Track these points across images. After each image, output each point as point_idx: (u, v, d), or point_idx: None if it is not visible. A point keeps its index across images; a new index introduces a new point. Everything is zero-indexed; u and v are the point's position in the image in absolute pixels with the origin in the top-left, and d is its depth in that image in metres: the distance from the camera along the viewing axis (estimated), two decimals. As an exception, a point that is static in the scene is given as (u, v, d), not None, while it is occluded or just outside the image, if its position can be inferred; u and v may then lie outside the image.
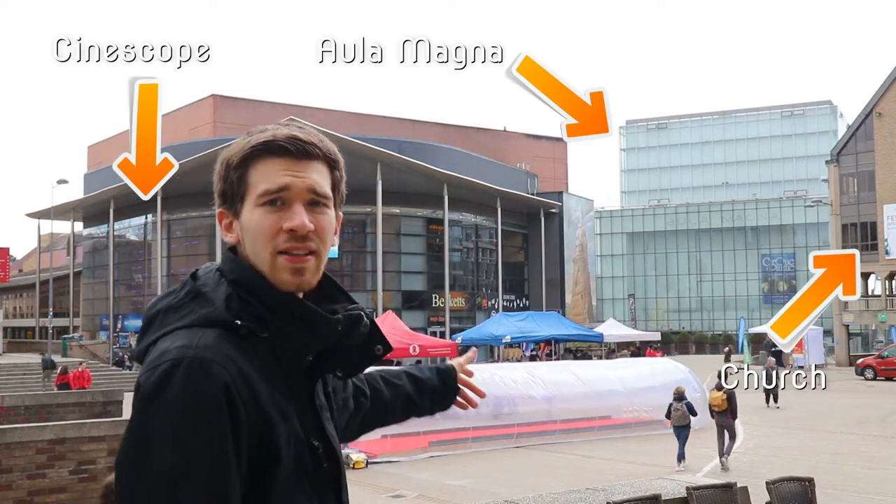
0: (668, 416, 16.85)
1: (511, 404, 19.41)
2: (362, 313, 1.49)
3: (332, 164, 1.50)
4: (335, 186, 1.51)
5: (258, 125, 1.52)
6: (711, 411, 17.06)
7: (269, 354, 1.39)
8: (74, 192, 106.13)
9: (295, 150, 1.44)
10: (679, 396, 16.82)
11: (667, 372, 22.75)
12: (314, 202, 1.45)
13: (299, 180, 1.44)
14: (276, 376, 1.39)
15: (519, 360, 39.78)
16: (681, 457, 16.27)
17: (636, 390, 21.28)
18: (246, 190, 1.45)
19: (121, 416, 15.01)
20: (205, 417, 1.27)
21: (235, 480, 1.28)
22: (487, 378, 19.64)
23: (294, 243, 1.42)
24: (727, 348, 55.39)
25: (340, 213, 1.56)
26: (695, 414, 16.67)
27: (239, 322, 1.38)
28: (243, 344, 1.36)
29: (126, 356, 50.81)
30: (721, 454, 16.41)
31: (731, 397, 16.72)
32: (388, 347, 1.55)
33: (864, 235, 55.01)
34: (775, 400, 26.59)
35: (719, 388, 16.99)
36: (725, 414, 16.66)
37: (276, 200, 1.43)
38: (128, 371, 42.85)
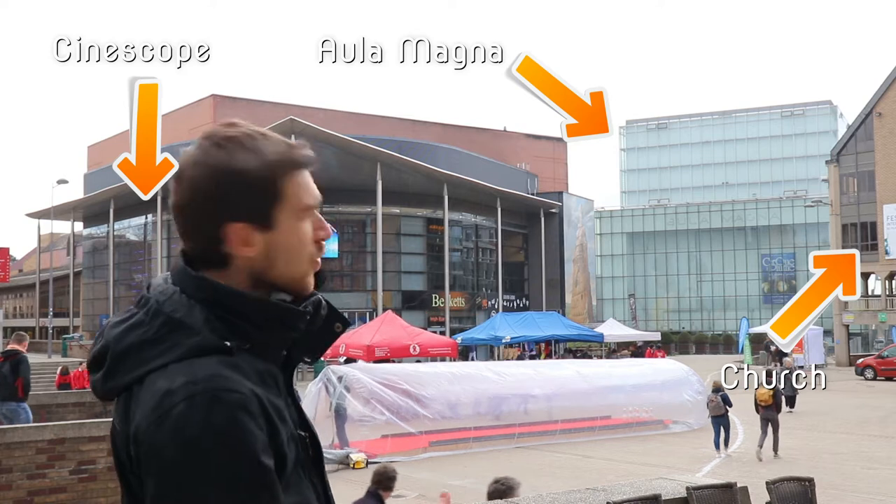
0: (707, 406, 18.44)
1: (511, 404, 19.42)
2: (321, 297, 1.50)
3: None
4: None
5: (259, 131, 1.48)
6: (757, 406, 17.99)
7: (257, 363, 1.37)
8: (74, 192, 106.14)
9: (313, 165, 1.50)
10: (716, 389, 18.03)
11: (668, 371, 22.77)
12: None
13: (318, 193, 1.51)
14: (268, 382, 1.38)
15: (519, 360, 39.77)
16: (717, 444, 17.66)
17: (638, 388, 21.29)
18: (281, 201, 1.42)
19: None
20: (235, 454, 1.24)
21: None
22: (487, 378, 19.67)
23: (321, 252, 1.50)
24: (774, 348, 53.35)
25: None
26: (730, 405, 17.79)
27: (228, 343, 1.33)
28: (237, 363, 1.32)
29: None
30: (760, 444, 17.45)
31: (776, 393, 18.00)
32: (345, 323, 1.55)
33: (864, 235, 55.01)
34: (791, 404, 24.23)
35: (769, 375, 18.62)
36: (771, 408, 17.77)
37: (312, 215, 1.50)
38: None
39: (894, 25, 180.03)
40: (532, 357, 43.17)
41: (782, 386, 19.91)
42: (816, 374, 8.04)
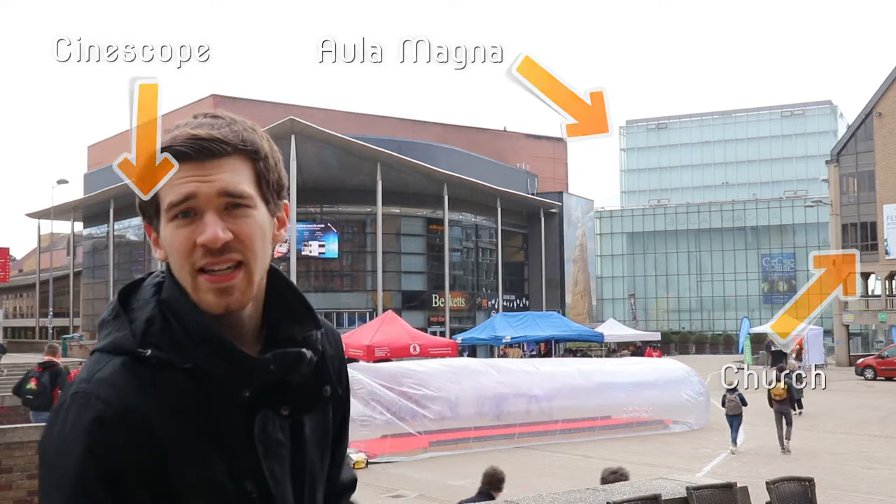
0: (722, 404, 18.91)
1: (512, 404, 19.41)
2: (304, 352, 1.30)
3: (251, 156, 1.30)
4: (260, 178, 1.31)
5: (179, 123, 1.32)
6: (771, 401, 18.96)
7: (190, 389, 1.23)
8: (74, 192, 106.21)
9: (195, 153, 1.26)
10: (732, 389, 18.33)
11: (668, 370, 22.77)
12: (232, 205, 1.26)
13: (206, 185, 1.25)
14: (192, 414, 1.23)
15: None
16: (734, 440, 18.36)
17: (638, 387, 21.28)
18: (158, 203, 1.28)
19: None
20: (70, 464, 1.18)
21: None
22: (487, 374, 19.66)
23: (211, 258, 1.24)
24: (773, 348, 52.16)
25: (285, 201, 1.38)
26: (745, 404, 18.37)
27: (148, 352, 1.23)
28: (154, 377, 1.22)
29: None
30: (780, 438, 18.33)
31: (790, 387, 18.63)
32: (335, 390, 1.39)
33: (864, 235, 55.01)
34: (798, 406, 23.38)
35: (779, 379, 18.71)
36: (785, 402, 18.74)
37: (189, 211, 1.25)
38: None
39: (894, 25, 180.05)
40: (532, 356, 43.18)
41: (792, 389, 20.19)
42: (816, 374, 8.04)
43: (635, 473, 8.84)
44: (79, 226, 63.03)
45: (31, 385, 13.11)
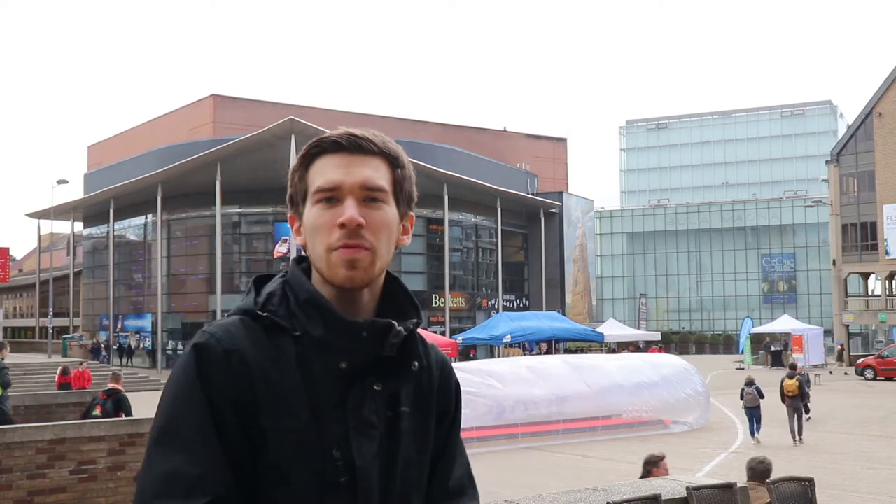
0: (741, 397, 19.86)
1: (512, 405, 19.40)
2: (394, 323, 1.44)
3: (391, 161, 1.50)
4: (396, 183, 1.49)
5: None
6: (783, 396, 19.84)
7: (296, 352, 1.40)
8: (74, 192, 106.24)
9: (348, 145, 1.45)
10: (750, 382, 19.74)
11: (667, 365, 22.74)
12: (369, 198, 1.44)
13: (351, 176, 1.44)
14: (295, 374, 1.39)
15: (519, 360, 39.73)
16: (753, 433, 19.36)
17: (638, 386, 21.26)
18: (306, 190, 1.47)
19: (121, 415, 15.02)
20: (183, 379, 1.38)
21: (206, 434, 1.34)
22: (488, 378, 19.65)
23: (347, 240, 1.41)
24: (773, 348, 51.56)
25: (412, 214, 1.54)
26: (762, 397, 19.40)
27: (264, 314, 1.43)
28: (266, 335, 1.42)
29: (103, 346, 50.74)
30: (791, 432, 19.26)
31: (801, 384, 19.79)
32: (422, 364, 1.52)
33: (864, 235, 55.02)
34: (806, 411, 21.44)
35: (791, 376, 20.16)
36: (797, 398, 19.60)
37: (332, 198, 1.43)
38: (104, 363, 42.93)
39: (894, 25, 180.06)
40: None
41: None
42: (817, 375, 8.04)
43: (635, 473, 8.87)
44: (79, 226, 63.00)
45: (97, 412, 13.40)
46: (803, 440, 19.07)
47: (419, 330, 1.56)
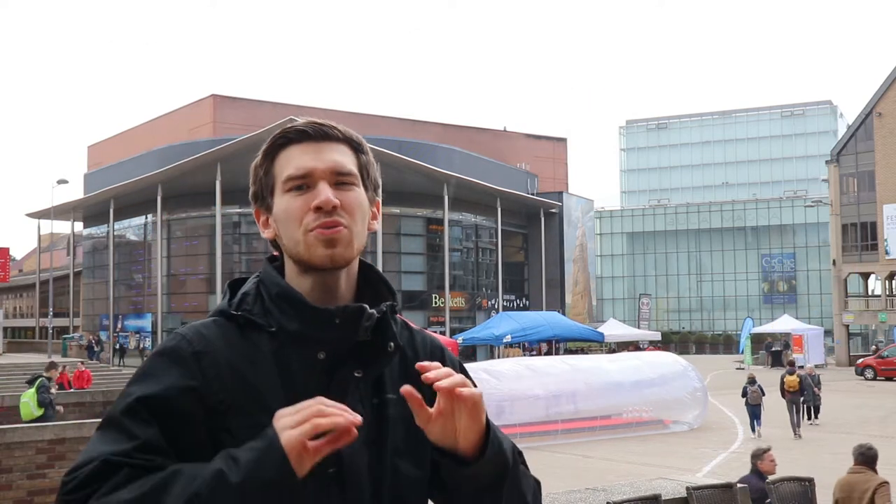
0: (743, 395, 20.77)
1: (511, 405, 19.40)
2: (365, 307, 1.43)
3: (355, 147, 1.52)
4: (362, 168, 1.51)
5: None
6: (783, 392, 21.29)
7: (273, 349, 1.41)
8: (74, 192, 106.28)
9: (314, 133, 1.47)
10: (752, 381, 20.80)
11: (665, 364, 22.75)
12: (340, 182, 1.46)
13: (321, 162, 1.45)
14: (273, 370, 1.39)
15: (519, 360, 39.72)
16: (753, 428, 20.32)
17: (637, 385, 21.26)
18: (274, 182, 1.48)
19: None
20: (152, 365, 1.39)
21: (162, 417, 1.33)
22: (487, 379, 19.65)
23: (323, 219, 1.42)
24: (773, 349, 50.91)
25: (378, 199, 1.56)
26: (764, 394, 20.43)
27: (238, 313, 1.44)
28: (241, 334, 1.42)
29: (94, 342, 50.56)
30: (792, 425, 20.58)
31: (802, 380, 20.97)
32: (397, 345, 1.49)
33: (864, 235, 55.00)
34: (815, 414, 22.96)
35: (791, 373, 21.70)
36: (797, 393, 21.01)
37: (302, 185, 1.44)
38: (95, 361, 42.81)
39: (894, 25, 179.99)
40: (532, 356, 43.13)
41: (805, 394, 21.43)
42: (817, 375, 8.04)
43: (635, 473, 8.89)
44: (79, 226, 62.97)
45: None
46: (801, 434, 20.34)
47: (411, 323, 1.56)
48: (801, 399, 21.33)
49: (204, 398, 1.36)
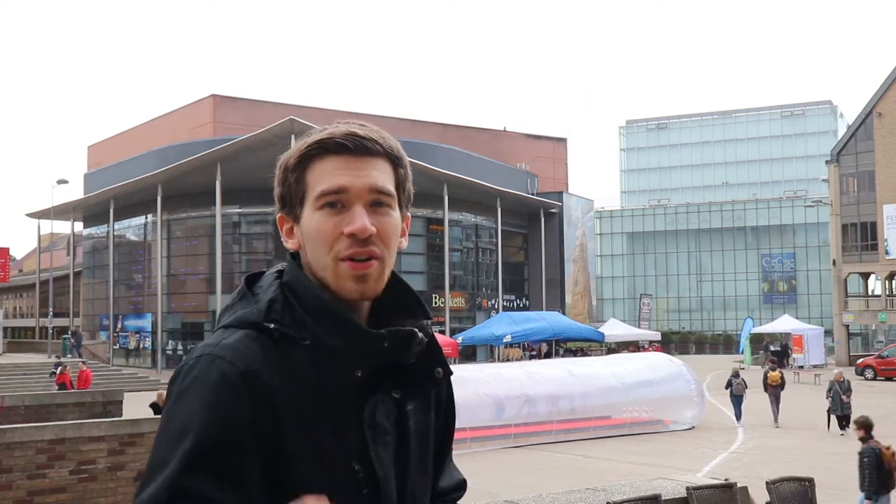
0: (727, 387, 23.35)
1: (511, 404, 19.40)
2: (416, 331, 1.38)
3: (395, 161, 1.42)
4: (399, 185, 1.42)
5: (317, 127, 1.43)
6: (766, 385, 23.34)
7: (309, 363, 1.32)
8: (74, 192, 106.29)
9: (354, 147, 1.37)
10: (736, 374, 23.40)
11: (662, 366, 22.78)
12: (377, 202, 1.37)
13: (359, 180, 1.35)
14: (310, 387, 1.31)
15: (519, 360, 39.73)
16: (738, 416, 22.60)
17: (636, 385, 21.28)
18: (305, 192, 1.38)
19: (121, 415, 15.04)
20: (192, 417, 1.24)
21: (234, 463, 1.23)
22: (487, 379, 19.66)
23: (356, 249, 1.33)
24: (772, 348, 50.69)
25: (408, 214, 1.48)
26: (747, 386, 23.14)
27: (272, 326, 1.33)
28: (276, 349, 1.32)
29: (71, 340, 49.43)
30: (774, 414, 22.69)
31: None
32: (448, 371, 1.46)
33: (864, 235, 55.00)
34: (846, 425, 20.20)
35: (773, 369, 24.09)
36: (778, 387, 23.04)
37: (336, 203, 1.35)
38: (70, 357, 42.17)
39: (894, 25, 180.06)
40: (532, 357, 43.13)
41: (833, 406, 21.05)
42: (817, 375, 8.05)
43: (635, 473, 8.90)
44: (79, 226, 62.95)
45: None
46: (779, 423, 22.21)
47: None
48: (829, 401, 21.32)
49: (260, 426, 1.26)
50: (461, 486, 1.63)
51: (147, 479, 1.22)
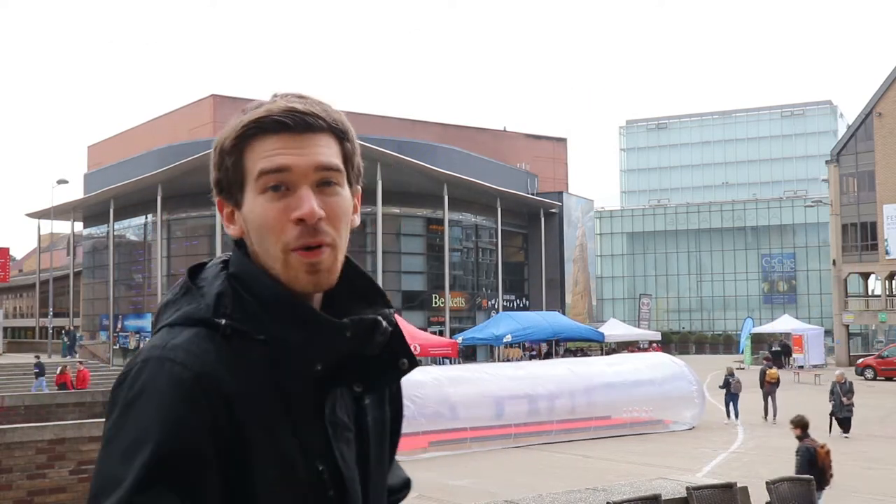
0: (722, 386, 23.79)
1: (511, 405, 19.40)
2: (380, 319, 1.28)
3: (340, 136, 1.31)
4: (347, 159, 1.32)
5: (252, 102, 1.31)
6: (762, 382, 24.23)
7: (264, 360, 1.22)
8: (74, 192, 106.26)
9: (294, 124, 1.26)
10: (731, 373, 23.80)
11: (662, 365, 22.78)
12: (324, 181, 1.26)
13: (302, 158, 1.25)
14: (267, 386, 1.21)
15: (519, 360, 39.73)
16: (731, 413, 23.24)
17: (636, 385, 21.28)
18: (244, 176, 1.27)
19: None
20: (146, 426, 1.14)
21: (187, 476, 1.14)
22: (487, 379, 19.67)
23: (306, 239, 1.23)
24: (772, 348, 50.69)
25: (359, 188, 1.38)
26: (741, 386, 23.53)
27: (222, 321, 1.22)
28: (228, 346, 1.21)
29: (65, 335, 49.84)
30: (765, 410, 23.78)
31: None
32: (413, 362, 1.35)
33: (864, 235, 54.98)
34: (846, 428, 20.45)
35: (770, 367, 25.32)
36: (774, 384, 24.00)
37: (280, 185, 1.24)
38: (69, 358, 42.46)
39: (894, 25, 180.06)
40: (532, 357, 43.12)
41: (836, 407, 20.71)
42: (817, 375, 8.04)
43: (635, 473, 8.89)
44: (79, 226, 62.95)
45: None
46: (774, 421, 22.72)
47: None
48: (834, 403, 20.76)
49: (220, 433, 1.16)
50: (407, 485, 1.57)
51: (95, 500, 1.11)
